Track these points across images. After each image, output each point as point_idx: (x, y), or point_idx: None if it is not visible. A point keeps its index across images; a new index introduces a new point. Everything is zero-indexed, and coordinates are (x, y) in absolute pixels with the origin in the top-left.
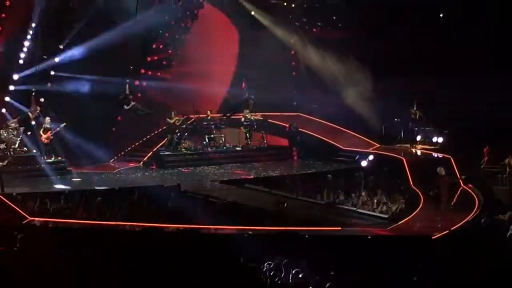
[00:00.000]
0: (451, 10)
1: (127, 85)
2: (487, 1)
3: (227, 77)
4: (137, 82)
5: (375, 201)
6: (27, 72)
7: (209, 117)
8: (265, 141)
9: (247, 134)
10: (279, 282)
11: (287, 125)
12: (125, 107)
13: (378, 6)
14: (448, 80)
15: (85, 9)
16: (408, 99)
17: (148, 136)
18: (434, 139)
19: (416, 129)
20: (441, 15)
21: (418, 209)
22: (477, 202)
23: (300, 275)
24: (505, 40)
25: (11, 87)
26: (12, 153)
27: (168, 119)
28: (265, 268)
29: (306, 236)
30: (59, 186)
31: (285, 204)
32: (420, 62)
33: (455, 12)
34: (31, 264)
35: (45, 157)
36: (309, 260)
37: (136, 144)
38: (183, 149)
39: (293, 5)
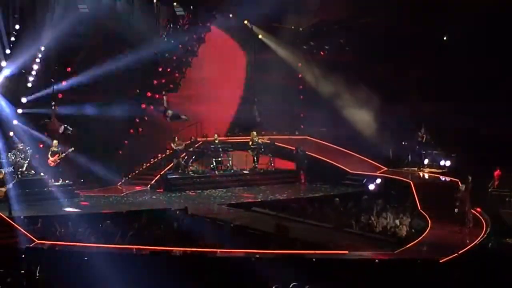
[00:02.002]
0: (456, 35)
1: (164, 98)
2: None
3: (235, 100)
4: (143, 106)
5: (383, 224)
6: (36, 95)
7: (216, 140)
8: (272, 164)
9: (255, 158)
10: None
11: (294, 148)
12: (168, 119)
13: (385, 31)
14: (455, 103)
15: (93, 34)
16: (416, 123)
17: (155, 159)
18: (442, 163)
19: (424, 152)
20: (444, 38)
21: (426, 232)
22: (484, 225)
23: None
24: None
25: (19, 111)
26: (19, 176)
27: (172, 144)
28: None
29: (313, 259)
30: (67, 210)
31: (282, 226)
32: (427, 85)
33: (460, 37)
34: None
35: (53, 180)
36: (316, 284)
37: (144, 167)
38: (190, 172)
39: (300, 29)
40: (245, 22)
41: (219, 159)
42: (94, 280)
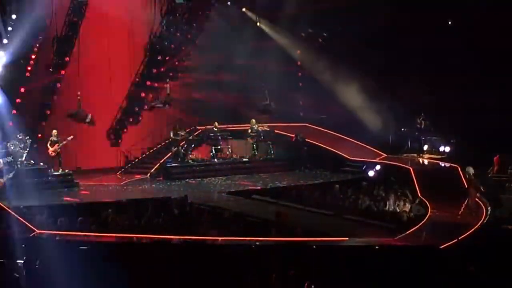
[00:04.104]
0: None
1: (168, 85)
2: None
3: (233, 87)
4: (143, 94)
5: (382, 210)
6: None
7: (216, 128)
8: (272, 151)
9: (254, 145)
10: None
11: (294, 136)
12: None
13: (384, 17)
14: (454, 88)
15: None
16: (415, 109)
17: (155, 148)
18: (441, 149)
19: (423, 138)
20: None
21: (426, 218)
22: (484, 211)
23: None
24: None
25: (18, 100)
26: (19, 165)
27: (171, 133)
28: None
29: (314, 246)
30: (67, 199)
31: (282, 213)
32: (427, 71)
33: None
34: (39, 277)
35: (53, 170)
36: (317, 271)
37: (143, 156)
38: (190, 161)
39: (298, 16)
40: (243, 9)
41: (219, 147)
42: (94, 270)
